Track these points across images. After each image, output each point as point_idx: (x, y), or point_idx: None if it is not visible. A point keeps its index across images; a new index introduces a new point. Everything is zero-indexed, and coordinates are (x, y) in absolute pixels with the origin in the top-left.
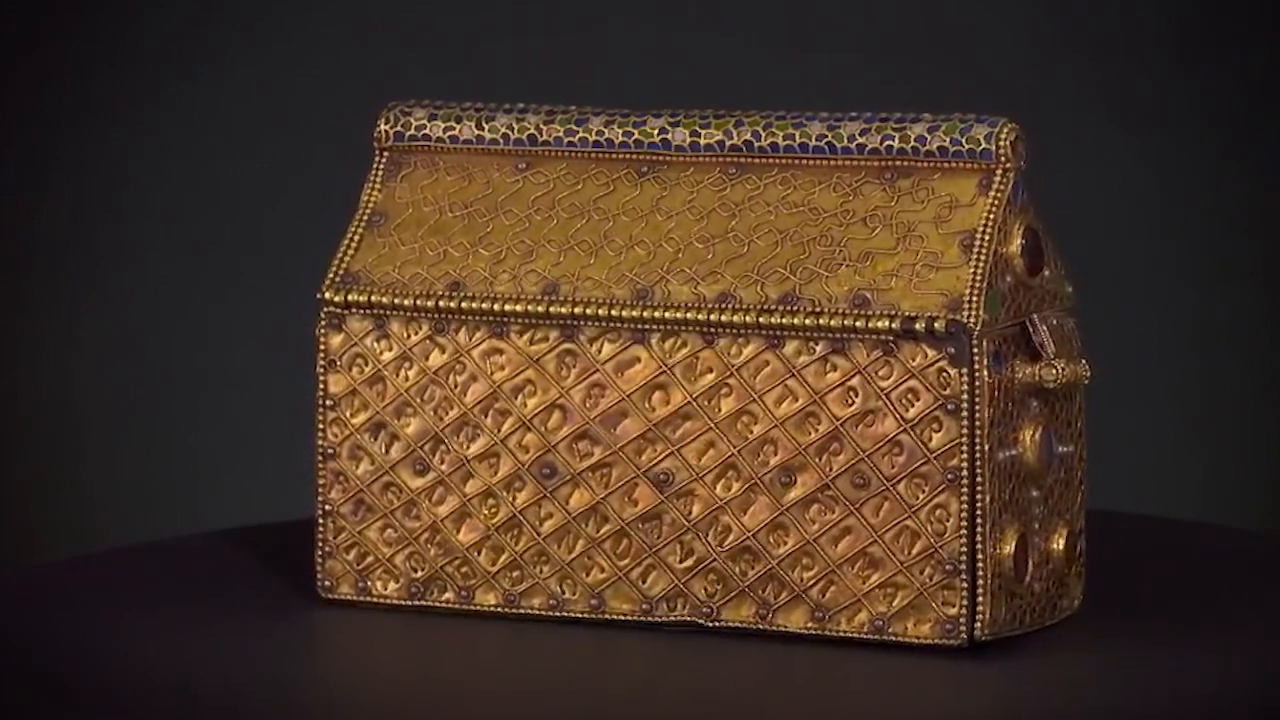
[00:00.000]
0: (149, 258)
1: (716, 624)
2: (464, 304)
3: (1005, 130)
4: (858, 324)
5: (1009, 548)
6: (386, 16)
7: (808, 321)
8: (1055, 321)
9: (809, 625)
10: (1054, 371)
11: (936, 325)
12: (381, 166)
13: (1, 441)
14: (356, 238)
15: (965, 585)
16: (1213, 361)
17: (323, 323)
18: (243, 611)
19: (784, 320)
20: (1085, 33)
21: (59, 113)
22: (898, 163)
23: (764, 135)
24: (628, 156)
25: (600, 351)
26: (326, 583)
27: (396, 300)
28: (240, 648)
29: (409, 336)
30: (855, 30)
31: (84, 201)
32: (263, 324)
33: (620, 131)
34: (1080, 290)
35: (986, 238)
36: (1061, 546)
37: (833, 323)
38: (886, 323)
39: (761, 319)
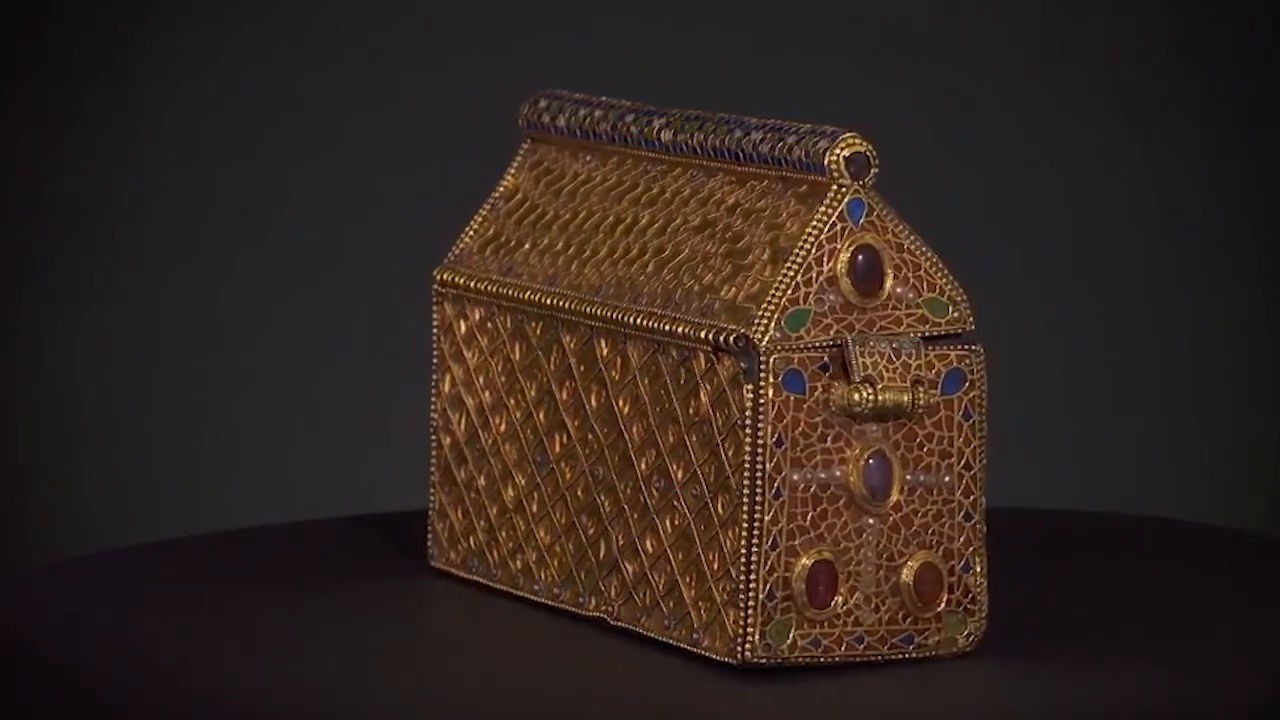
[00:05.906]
0: (149, 258)
1: (616, 622)
2: (500, 289)
3: (840, 146)
4: (695, 333)
5: (801, 572)
6: (386, 16)
7: (668, 328)
8: (894, 345)
9: (661, 632)
10: (860, 395)
11: (731, 339)
12: (520, 153)
13: (2, 441)
14: (479, 220)
15: (744, 605)
16: (1213, 361)
17: (434, 299)
18: (249, 605)
19: (659, 325)
20: (1085, 33)
21: (59, 113)
22: (784, 172)
23: (710, 139)
24: (639, 153)
25: (571, 345)
26: (434, 550)
27: (468, 282)
28: (244, 644)
29: (476, 317)
30: (855, 30)
31: (84, 201)
32: (262, 324)
33: (635, 129)
34: (1079, 291)
35: (800, 254)
36: (912, 578)
37: (681, 330)
38: (705, 333)
39: (644, 322)
